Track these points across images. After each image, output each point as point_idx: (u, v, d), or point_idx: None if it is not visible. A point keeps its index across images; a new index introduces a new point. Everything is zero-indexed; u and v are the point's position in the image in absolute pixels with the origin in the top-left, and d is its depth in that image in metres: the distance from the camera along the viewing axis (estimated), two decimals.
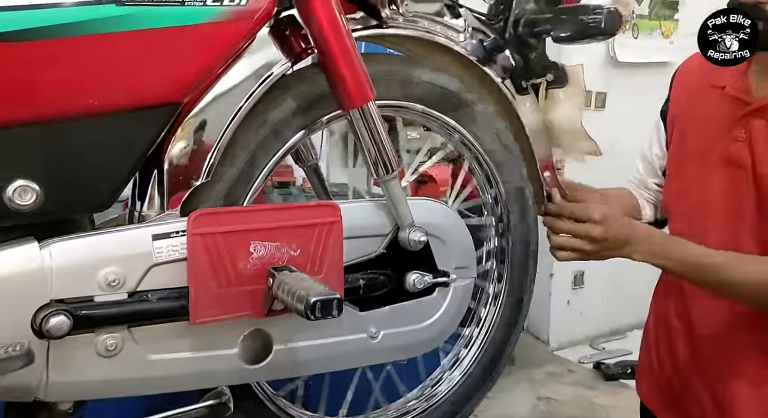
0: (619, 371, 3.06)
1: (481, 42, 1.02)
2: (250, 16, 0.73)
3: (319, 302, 0.71)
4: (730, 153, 1.07)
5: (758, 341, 1.07)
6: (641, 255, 1.03)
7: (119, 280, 0.72)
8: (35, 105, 0.63)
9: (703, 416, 1.16)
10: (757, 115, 1.05)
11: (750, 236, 1.05)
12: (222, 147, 0.81)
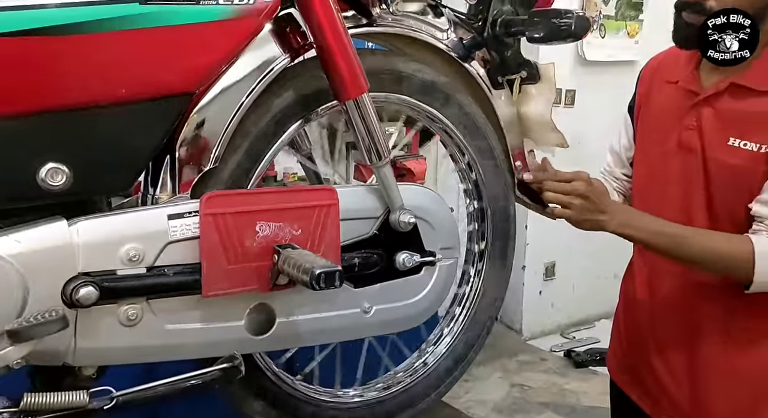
0: (588, 358, 3.18)
1: (462, 40, 1.12)
2: (258, 14, 0.81)
3: (323, 274, 0.79)
4: (682, 139, 1.16)
5: (711, 314, 1.18)
6: (616, 225, 1.11)
7: (139, 255, 0.80)
8: (71, 94, 0.70)
9: (659, 384, 1.27)
10: (705, 104, 1.13)
11: (701, 214, 1.15)
12: (229, 135, 0.89)
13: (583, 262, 3.35)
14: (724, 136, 1.11)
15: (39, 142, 0.71)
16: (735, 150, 1.10)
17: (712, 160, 1.12)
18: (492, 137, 1.15)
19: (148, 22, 0.72)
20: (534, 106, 1.19)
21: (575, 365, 3.17)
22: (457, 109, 1.10)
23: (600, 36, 3.34)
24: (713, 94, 1.13)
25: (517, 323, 3.47)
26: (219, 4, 0.77)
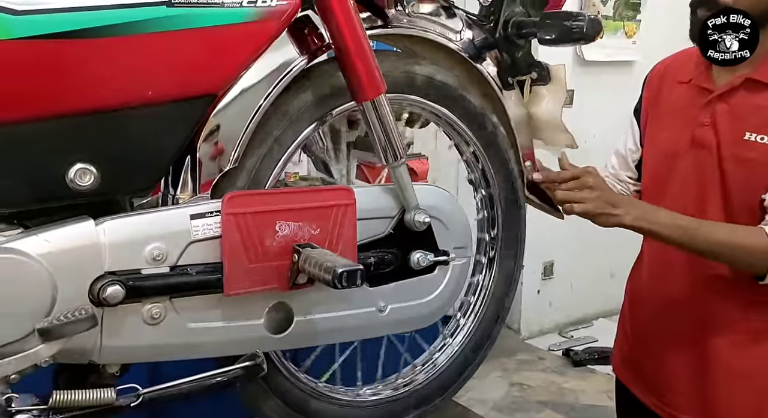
0: (586, 357, 3.21)
1: (474, 40, 1.13)
2: (279, 16, 0.82)
3: (345, 272, 0.81)
4: (696, 136, 1.18)
5: (721, 310, 1.20)
6: (632, 218, 1.11)
7: (163, 255, 0.81)
8: (100, 96, 0.72)
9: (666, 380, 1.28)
10: (720, 101, 1.15)
11: (717, 211, 1.16)
12: (248, 136, 0.90)
13: (581, 261, 3.38)
14: (741, 131, 1.12)
15: (69, 143, 0.72)
16: (752, 144, 1.11)
17: (728, 156, 1.14)
18: (502, 136, 1.17)
19: (175, 25, 0.74)
20: (544, 107, 1.21)
21: (574, 363, 3.20)
22: (469, 110, 1.12)
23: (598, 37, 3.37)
24: (728, 90, 1.14)
25: (516, 322, 3.49)
26: (242, 7, 0.79)
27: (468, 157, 1.15)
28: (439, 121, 1.12)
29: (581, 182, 1.12)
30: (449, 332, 1.16)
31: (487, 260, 1.18)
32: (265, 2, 0.80)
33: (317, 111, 0.97)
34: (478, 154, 1.13)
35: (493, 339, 1.18)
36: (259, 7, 0.80)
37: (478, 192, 1.17)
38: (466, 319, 1.16)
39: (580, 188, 1.12)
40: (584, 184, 1.12)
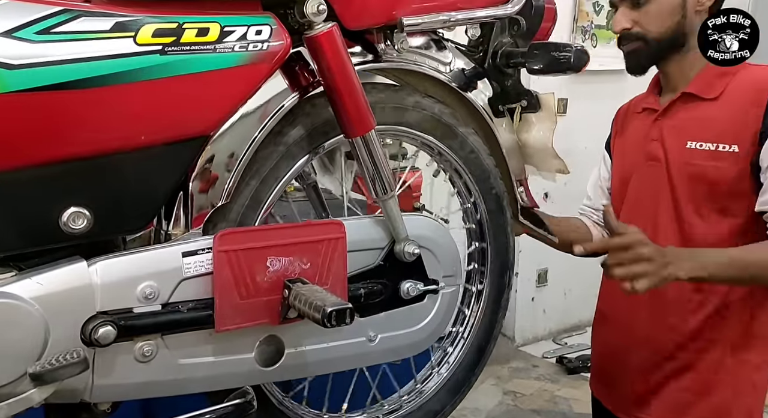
0: (579, 364, 3.23)
1: (463, 71, 1.15)
2: (271, 58, 0.84)
3: (334, 312, 0.82)
4: (648, 151, 1.31)
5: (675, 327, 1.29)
6: (686, 272, 1.11)
7: (155, 293, 0.82)
8: (94, 142, 0.73)
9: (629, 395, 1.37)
10: (664, 117, 1.29)
11: (668, 217, 1.27)
12: (239, 172, 0.91)
13: (574, 268, 3.40)
14: (683, 141, 1.26)
15: (63, 188, 0.73)
16: (693, 151, 1.25)
17: (675, 166, 1.27)
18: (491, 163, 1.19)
19: (168, 71, 0.75)
20: (535, 134, 1.22)
21: (567, 371, 3.22)
22: (459, 139, 1.13)
23: (591, 46, 3.39)
24: (669, 106, 1.30)
25: (510, 329, 3.51)
26: (234, 51, 0.80)
27: (460, 188, 1.16)
28: (431, 152, 1.13)
29: (636, 255, 1.10)
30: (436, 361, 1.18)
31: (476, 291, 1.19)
32: (256, 46, 0.81)
33: (309, 143, 0.99)
34: (469, 185, 1.15)
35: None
36: (250, 51, 0.81)
37: (468, 223, 1.19)
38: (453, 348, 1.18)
39: (636, 260, 1.10)
40: (639, 257, 1.09)
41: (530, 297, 3.57)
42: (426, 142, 1.10)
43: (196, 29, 0.77)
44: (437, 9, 0.99)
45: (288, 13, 0.89)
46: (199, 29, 0.77)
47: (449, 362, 1.17)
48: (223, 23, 0.79)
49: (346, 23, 0.92)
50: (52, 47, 0.68)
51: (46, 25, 0.67)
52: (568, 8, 3.27)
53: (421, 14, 0.97)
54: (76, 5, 0.70)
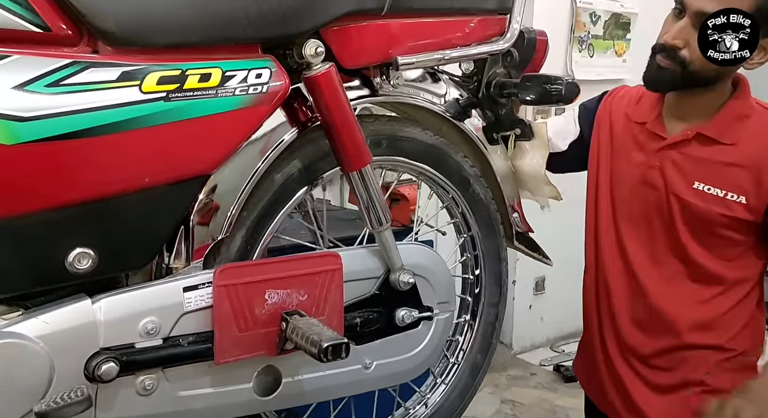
0: None
1: (458, 101, 1.18)
2: (271, 99, 0.86)
3: (330, 347, 0.85)
4: (647, 177, 1.26)
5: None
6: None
7: (156, 328, 0.85)
8: (100, 186, 0.75)
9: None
10: (671, 149, 1.24)
11: (665, 239, 1.25)
12: (239, 206, 0.94)
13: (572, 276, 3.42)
14: (689, 180, 1.21)
15: (69, 230, 0.76)
16: (701, 193, 1.20)
17: (676, 200, 1.23)
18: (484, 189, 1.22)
19: (172, 117, 0.77)
20: (528, 161, 1.25)
21: (564, 379, 3.24)
22: (454, 167, 1.16)
23: (588, 55, 3.42)
24: (680, 141, 1.23)
25: (507, 337, 3.54)
26: (235, 95, 0.83)
27: (457, 219, 1.19)
28: (428, 180, 1.16)
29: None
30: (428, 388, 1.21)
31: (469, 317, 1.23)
32: (256, 89, 0.84)
33: (308, 176, 1.01)
34: (466, 214, 1.18)
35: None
36: (251, 94, 0.84)
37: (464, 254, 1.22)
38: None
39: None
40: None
41: (528, 305, 3.59)
42: (422, 171, 1.13)
43: (199, 75, 0.80)
44: (432, 47, 1.02)
45: (287, 53, 0.92)
46: (201, 75, 0.80)
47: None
48: (224, 68, 0.82)
49: (343, 63, 0.95)
50: (62, 99, 0.71)
51: (56, 77, 0.70)
52: (566, 19, 3.30)
53: (416, 53, 0.99)
54: (85, 57, 0.73)
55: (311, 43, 0.90)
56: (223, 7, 0.81)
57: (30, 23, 0.69)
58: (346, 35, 0.93)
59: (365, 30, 0.94)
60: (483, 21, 1.06)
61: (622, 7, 3.38)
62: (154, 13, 0.77)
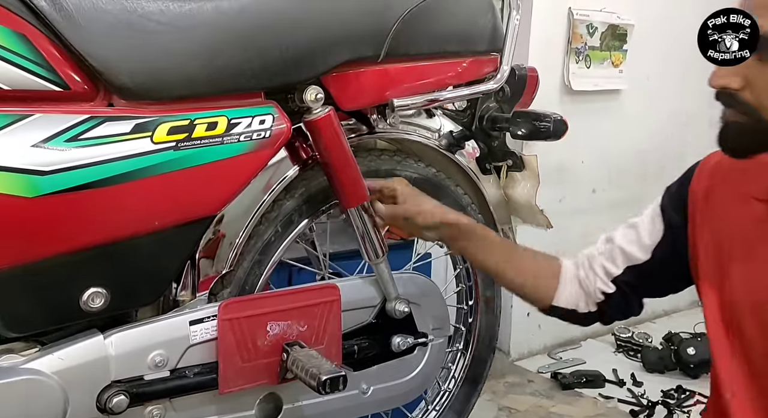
0: (574, 380, 3.31)
1: (451, 133, 1.23)
2: (273, 143, 0.92)
3: (328, 380, 0.90)
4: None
5: None
6: None
7: (164, 360, 0.91)
8: (114, 230, 0.81)
9: None
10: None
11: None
12: (243, 242, 1.00)
13: None
14: None
15: (83, 272, 0.81)
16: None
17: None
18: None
19: (180, 164, 0.83)
20: (520, 191, 1.31)
21: (562, 387, 3.29)
22: (449, 196, 1.22)
23: (585, 66, 3.47)
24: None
25: (505, 343, 3.59)
26: (240, 141, 0.88)
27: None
28: None
29: None
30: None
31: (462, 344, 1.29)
32: (260, 135, 0.90)
33: (308, 210, 1.07)
34: None
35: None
36: (254, 139, 0.89)
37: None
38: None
39: None
40: None
41: (526, 312, 3.64)
42: None
43: (206, 124, 0.85)
44: (426, 87, 1.07)
45: (289, 97, 0.98)
46: (208, 124, 0.86)
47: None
48: (230, 116, 0.88)
49: (341, 105, 1.00)
50: (80, 152, 0.76)
51: (75, 132, 0.76)
52: (563, 31, 3.35)
53: (411, 94, 1.05)
54: (101, 111, 0.79)
55: (311, 90, 0.95)
56: (228, 60, 0.86)
57: (51, 83, 0.75)
58: (344, 81, 0.99)
59: (363, 75, 1.00)
60: (475, 61, 1.12)
61: (619, 19, 3.43)
62: (165, 68, 0.82)
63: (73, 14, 0.76)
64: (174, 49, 0.83)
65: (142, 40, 0.81)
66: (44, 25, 0.74)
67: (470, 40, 1.09)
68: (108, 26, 0.78)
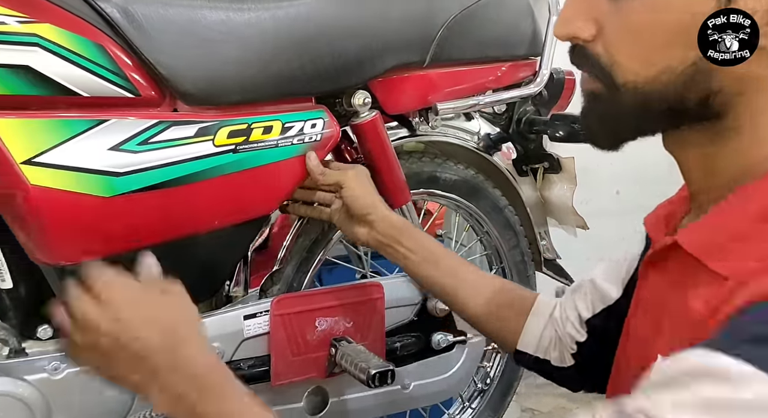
0: None
1: (489, 136, 1.29)
2: (324, 146, 0.98)
3: (378, 374, 0.96)
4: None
5: None
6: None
7: (221, 353, 0.97)
8: (176, 229, 0.87)
9: None
10: (653, 267, 0.69)
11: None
12: (292, 241, 1.07)
13: None
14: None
15: None
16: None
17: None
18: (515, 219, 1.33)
19: (239, 166, 0.90)
20: (557, 192, 1.36)
21: None
22: (487, 198, 1.28)
23: None
24: (660, 251, 0.67)
25: None
26: (293, 144, 0.95)
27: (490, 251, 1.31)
28: (464, 213, 1.28)
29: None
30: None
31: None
32: (311, 138, 0.96)
33: None
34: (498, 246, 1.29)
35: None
36: (306, 142, 0.96)
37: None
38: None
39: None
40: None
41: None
42: (459, 205, 1.25)
43: (262, 128, 0.92)
44: (467, 92, 1.13)
45: (337, 101, 1.04)
46: (264, 127, 0.92)
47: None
48: (284, 120, 0.94)
49: (387, 109, 1.06)
50: (150, 155, 0.83)
51: (145, 136, 0.82)
52: None
53: (453, 98, 1.11)
54: (167, 116, 0.85)
55: (359, 95, 1.02)
56: (283, 67, 0.93)
57: (124, 90, 0.82)
58: (390, 86, 1.05)
59: (408, 80, 1.06)
60: (514, 65, 1.17)
61: None
62: (225, 75, 0.89)
63: (144, 25, 0.82)
64: (233, 57, 0.90)
65: (205, 49, 0.87)
66: (118, 35, 0.81)
67: (511, 45, 1.15)
68: (175, 36, 0.85)
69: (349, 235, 1.01)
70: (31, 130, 0.74)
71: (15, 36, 0.72)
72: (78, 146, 0.78)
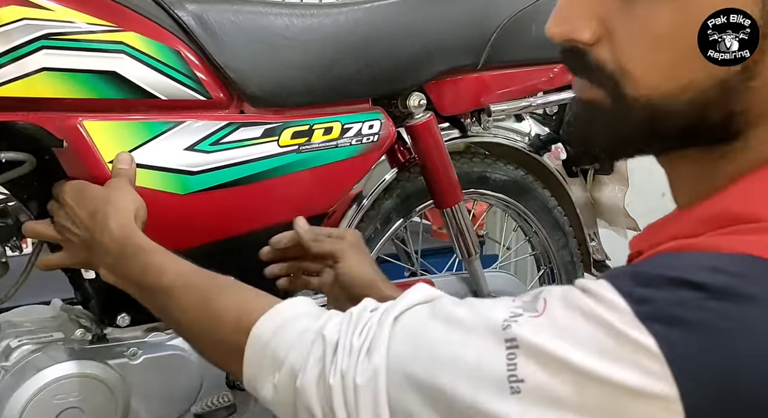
0: None
1: (539, 136, 1.32)
2: (380, 146, 1.04)
3: None
4: None
5: None
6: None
7: None
8: (244, 225, 0.94)
9: None
10: None
11: None
12: None
13: None
14: None
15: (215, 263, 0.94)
16: None
17: None
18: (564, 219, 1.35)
19: (301, 166, 0.96)
20: (607, 194, 1.38)
21: None
22: (536, 199, 1.31)
23: None
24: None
25: None
26: (352, 145, 1.00)
27: (537, 250, 1.34)
28: (513, 213, 1.31)
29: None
30: None
31: None
32: (369, 139, 1.02)
33: (404, 210, 1.18)
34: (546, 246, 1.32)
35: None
36: (364, 143, 1.01)
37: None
38: None
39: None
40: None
41: None
42: (509, 205, 1.29)
43: (323, 129, 0.98)
44: (519, 93, 1.17)
45: (392, 103, 1.09)
46: (325, 129, 0.98)
47: None
48: (343, 122, 1.00)
49: (441, 111, 1.11)
50: (221, 155, 0.89)
51: (217, 137, 0.89)
52: None
53: (505, 99, 1.15)
54: (236, 117, 0.92)
55: (415, 96, 1.06)
56: (343, 70, 0.98)
57: (197, 93, 0.88)
58: (444, 88, 1.09)
59: (461, 82, 1.10)
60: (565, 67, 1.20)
61: None
62: (289, 78, 0.95)
63: (217, 31, 0.89)
64: (297, 61, 0.96)
65: (270, 53, 0.94)
66: (192, 41, 0.88)
67: None
68: (244, 41, 0.91)
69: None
70: (118, 131, 0.81)
71: (104, 44, 0.80)
72: (158, 147, 0.84)
